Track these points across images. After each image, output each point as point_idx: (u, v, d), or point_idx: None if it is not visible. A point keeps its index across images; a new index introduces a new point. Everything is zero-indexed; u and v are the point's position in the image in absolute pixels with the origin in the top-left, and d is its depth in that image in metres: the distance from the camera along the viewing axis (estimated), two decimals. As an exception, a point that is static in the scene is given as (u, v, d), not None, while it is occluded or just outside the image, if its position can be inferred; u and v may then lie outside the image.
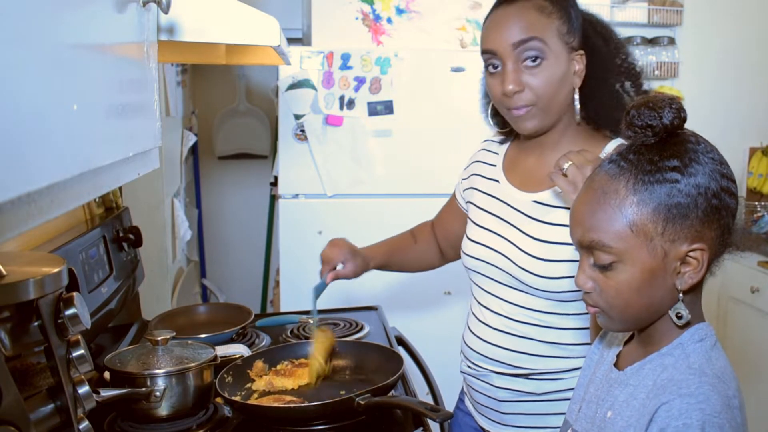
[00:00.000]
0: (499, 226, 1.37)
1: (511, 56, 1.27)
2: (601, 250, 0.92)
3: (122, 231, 1.74)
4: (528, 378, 1.34)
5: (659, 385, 0.89)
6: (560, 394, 1.33)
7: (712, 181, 0.89)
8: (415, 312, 2.58)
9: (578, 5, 1.32)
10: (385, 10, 2.73)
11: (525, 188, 1.37)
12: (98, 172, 0.75)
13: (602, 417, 0.96)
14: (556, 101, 1.29)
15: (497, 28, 1.29)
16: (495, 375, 1.36)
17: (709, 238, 0.90)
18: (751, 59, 3.24)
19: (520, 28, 1.26)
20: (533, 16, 1.26)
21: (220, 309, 1.88)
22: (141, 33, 0.95)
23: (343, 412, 1.26)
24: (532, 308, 1.32)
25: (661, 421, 0.85)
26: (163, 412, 1.25)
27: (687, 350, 0.92)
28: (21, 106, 0.54)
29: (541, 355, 1.32)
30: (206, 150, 3.94)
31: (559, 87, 1.27)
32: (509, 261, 1.33)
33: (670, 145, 0.90)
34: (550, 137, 1.35)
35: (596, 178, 0.95)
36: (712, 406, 0.84)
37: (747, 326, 2.94)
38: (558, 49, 1.26)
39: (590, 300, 0.96)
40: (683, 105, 0.91)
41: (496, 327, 1.36)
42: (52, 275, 0.82)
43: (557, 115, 1.31)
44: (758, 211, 3.17)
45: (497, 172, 1.44)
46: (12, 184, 0.52)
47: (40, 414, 0.82)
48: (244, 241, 4.05)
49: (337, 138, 2.62)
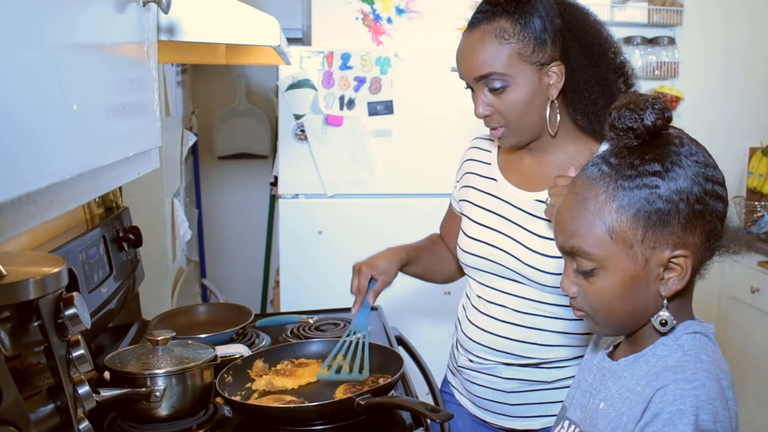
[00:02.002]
0: (500, 223, 1.38)
1: (477, 85, 1.31)
2: (582, 257, 0.91)
3: (122, 231, 1.74)
4: (537, 367, 1.36)
5: (653, 372, 0.88)
6: (568, 381, 1.34)
7: (695, 185, 0.87)
8: (415, 312, 2.58)
9: (549, 12, 1.28)
10: (385, 10, 2.73)
11: (525, 187, 1.38)
12: (98, 172, 0.75)
13: (595, 408, 0.96)
14: (528, 120, 1.31)
15: (462, 59, 1.33)
16: (503, 366, 1.37)
17: (693, 244, 0.88)
18: (751, 59, 3.24)
19: (480, 63, 1.28)
20: (491, 47, 1.27)
21: (220, 309, 1.88)
22: (141, 33, 0.95)
23: (343, 412, 1.26)
24: (537, 300, 1.34)
25: (655, 407, 0.84)
26: (163, 412, 1.25)
27: (680, 341, 0.91)
28: (21, 106, 0.54)
29: (549, 345, 1.34)
30: (206, 150, 3.94)
31: (527, 107, 1.29)
32: (514, 259, 1.33)
33: (652, 148, 0.88)
34: (540, 144, 1.36)
35: (578, 182, 0.94)
36: (707, 393, 0.83)
37: (747, 326, 2.94)
38: (523, 72, 1.27)
39: (576, 304, 0.96)
40: (667, 105, 0.89)
41: (503, 319, 1.37)
42: (52, 275, 0.81)
43: (533, 130, 1.33)
44: (758, 211, 3.17)
45: (493, 171, 1.45)
46: (12, 184, 0.52)
47: (40, 414, 0.82)
48: (244, 241, 4.05)
49: (337, 138, 2.62)
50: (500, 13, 1.28)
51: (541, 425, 1.39)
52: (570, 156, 1.34)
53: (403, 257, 1.53)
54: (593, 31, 1.33)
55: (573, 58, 1.29)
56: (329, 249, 2.66)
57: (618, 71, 1.33)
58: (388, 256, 1.51)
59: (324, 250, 2.65)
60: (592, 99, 1.30)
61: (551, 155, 1.36)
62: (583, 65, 1.29)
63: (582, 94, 1.30)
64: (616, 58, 1.34)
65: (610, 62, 1.33)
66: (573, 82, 1.29)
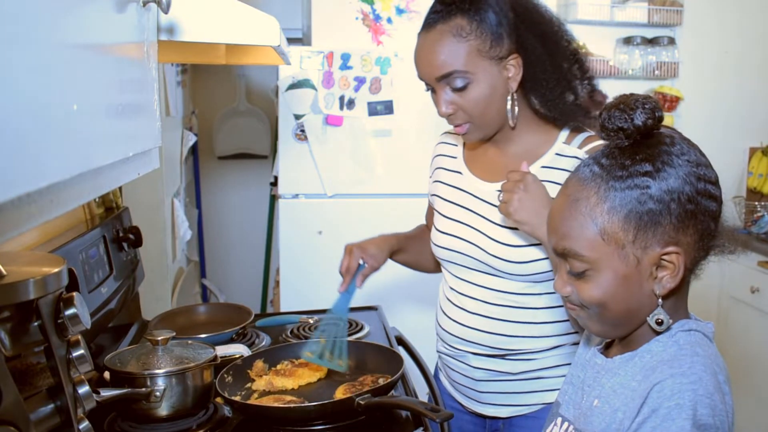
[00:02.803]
0: (466, 216, 1.41)
1: (438, 85, 1.32)
2: (574, 258, 0.91)
3: (122, 231, 1.74)
4: (504, 358, 1.39)
5: (648, 368, 0.88)
6: (534, 374, 1.38)
7: (687, 184, 0.86)
8: (415, 312, 2.58)
9: (502, 6, 1.30)
10: (385, 10, 2.73)
11: (488, 178, 1.41)
12: (98, 172, 0.75)
13: (588, 405, 0.95)
14: (491, 113, 1.33)
15: (420, 60, 1.34)
16: (472, 356, 1.41)
17: (685, 244, 0.87)
18: (751, 59, 3.24)
19: (440, 63, 1.29)
20: (450, 45, 1.28)
21: (220, 309, 1.88)
22: (141, 33, 0.95)
23: (343, 412, 1.26)
24: (505, 291, 1.37)
25: (653, 402, 0.83)
26: (163, 412, 1.25)
27: (675, 337, 0.90)
28: (21, 106, 0.54)
29: (516, 336, 1.37)
30: (206, 150, 3.94)
31: (490, 101, 1.31)
32: (480, 250, 1.37)
33: (643, 148, 0.88)
34: (502, 135, 1.38)
35: (570, 184, 0.93)
36: (704, 387, 0.83)
37: (747, 326, 2.94)
38: (483, 67, 1.29)
39: (570, 303, 0.95)
40: (658, 104, 0.89)
41: (471, 311, 1.40)
42: (52, 275, 0.81)
43: (497, 122, 1.35)
44: (758, 211, 3.17)
45: (459, 164, 1.48)
46: (12, 184, 0.52)
47: (40, 414, 0.82)
48: (244, 241, 4.05)
49: (337, 138, 2.62)
50: (455, 12, 1.29)
51: (508, 414, 1.43)
52: (530, 145, 1.37)
53: (393, 245, 1.56)
54: (545, 21, 1.35)
55: (529, 49, 1.31)
56: (329, 249, 2.64)
57: (572, 58, 1.35)
58: (379, 243, 1.54)
59: (324, 250, 2.64)
60: (549, 87, 1.32)
61: (512, 146, 1.39)
62: (539, 55, 1.31)
63: (540, 83, 1.32)
64: (570, 46, 1.36)
65: (564, 50, 1.35)
66: (531, 73, 1.31)
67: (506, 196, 1.26)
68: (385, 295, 2.32)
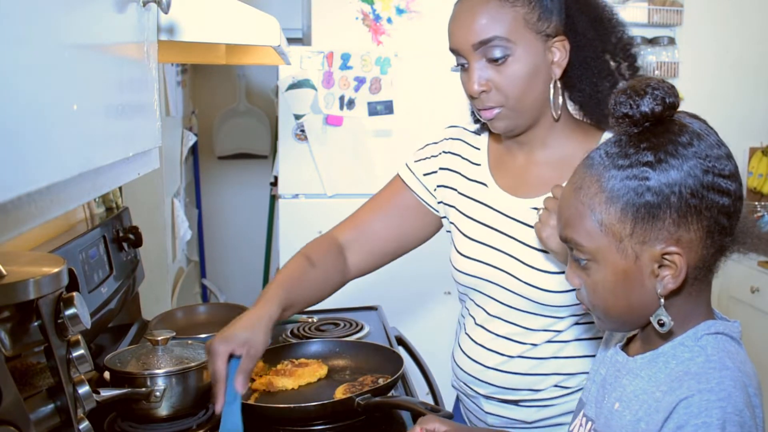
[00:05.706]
0: (494, 238, 1.23)
1: (474, 55, 1.15)
2: (575, 248, 0.88)
3: (122, 231, 1.74)
4: (517, 404, 1.25)
5: (674, 377, 0.83)
6: (550, 421, 1.24)
7: (690, 177, 0.81)
8: (415, 312, 2.58)
9: None
10: (385, 10, 2.73)
11: (518, 193, 1.24)
12: (98, 172, 0.75)
13: (609, 407, 0.91)
14: (529, 98, 1.16)
15: (458, 26, 1.17)
16: (483, 399, 1.28)
17: (687, 241, 0.82)
18: (751, 59, 3.24)
19: (480, 27, 1.13)
20: (494, 9, 1.13)
21: (220, 309, 1.88)
22: (141, 33, 0.95)
23: (343, 412, 1.26)
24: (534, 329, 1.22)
25: (679, 418, 0.79)
26: (163, 412, 1.25)
27: (701, 342, 0.85)
28: (21, 106, 0.54)
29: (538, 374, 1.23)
30: (206, 150, 3.94)
31: (530, 83, 1.14)
32: (512, 277, 1.20)
33: (650, 137, 0.83)
34: (535, 134, 1.22)
35: (577, 171, 0.89)
36: (733, 404, 0.78)
37: (747, 326, 2.91)
38: (527, 40, 1.13)
39: (579, 297, 0.92)
40: (671, 90, 0.84)
41: (492, 348, 1.25)
42: (52, 275, 0.82)
43: (533, 113, 1.18)
44: (758, 211, 3.17)
45: (483, 174, 1.29)
46: (12, 184, 0.52)
47: (40, 414, 0.82)
48: (244, 241, 4.05)
49: (337, 138, 2.62)
50: None
51: None
52: (567, 150, 1.20)
53: (273, 311, 1.21)
54: (601, 6, 1.22)
55: (580, 32, 1.17)
56: (329, 249, 2.65)
57: (624, 53, 1.22)
58: (248, 322, 1.19)
59: (324, 250, 2.64)
60: (594, 81, 1.18)
61: (547, 152, 1.23)
62: (590, 41, 1.18)
63: (586, 75, 1.18)
64: (623, 38, 1.22)
65: (617, 42, 1.21)
66: (577, 61, 1.17)
67: (544, 215, 1.10)
68: (385, 295, 2.32)
